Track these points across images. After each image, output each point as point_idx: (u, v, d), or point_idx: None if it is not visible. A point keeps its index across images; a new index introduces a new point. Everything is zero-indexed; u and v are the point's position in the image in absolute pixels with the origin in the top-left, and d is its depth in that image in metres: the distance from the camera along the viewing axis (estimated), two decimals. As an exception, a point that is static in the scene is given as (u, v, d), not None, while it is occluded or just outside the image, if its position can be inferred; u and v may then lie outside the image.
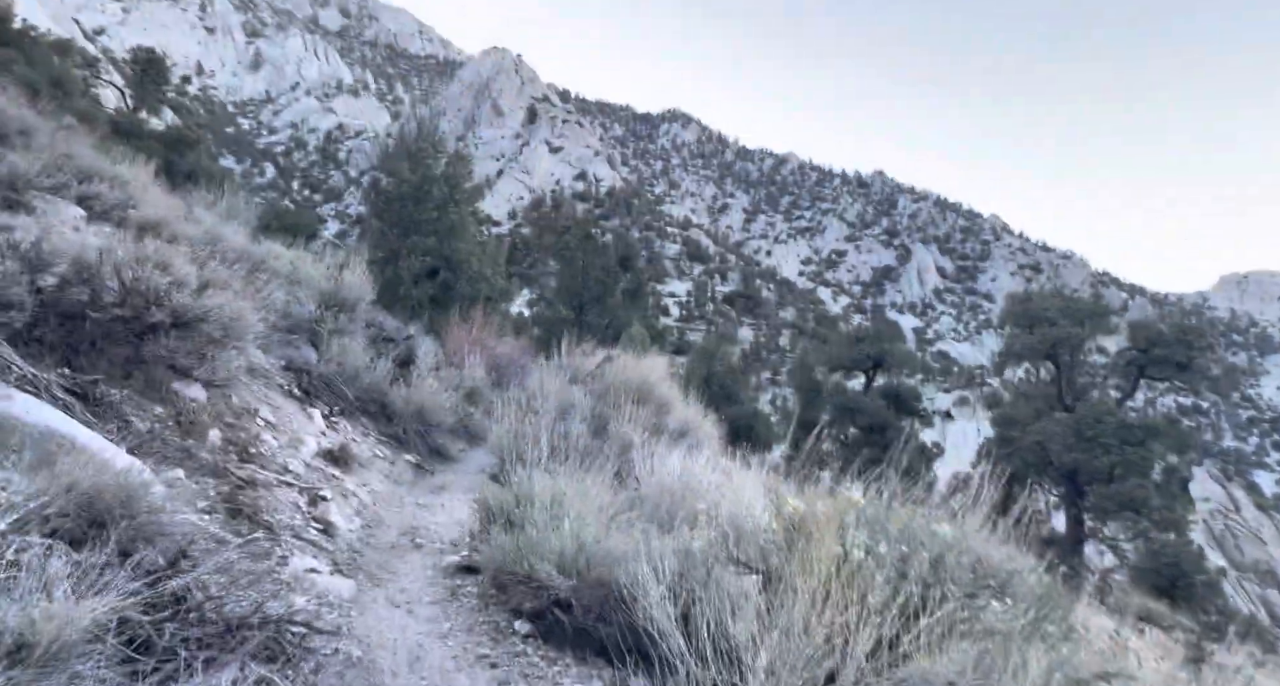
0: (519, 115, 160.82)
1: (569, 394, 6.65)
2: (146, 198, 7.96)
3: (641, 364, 7.28)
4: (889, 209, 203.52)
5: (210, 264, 5.10)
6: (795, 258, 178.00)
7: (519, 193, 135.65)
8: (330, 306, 6.91)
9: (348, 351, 6.65)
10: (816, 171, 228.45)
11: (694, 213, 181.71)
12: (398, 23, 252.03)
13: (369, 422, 6.65)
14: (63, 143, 9.01)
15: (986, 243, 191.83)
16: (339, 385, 6.47)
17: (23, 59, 9.61)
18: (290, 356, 6.37)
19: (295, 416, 5.70)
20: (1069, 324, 18.15)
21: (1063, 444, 17.26)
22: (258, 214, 10.80)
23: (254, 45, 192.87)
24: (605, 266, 18.86)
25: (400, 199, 13.54)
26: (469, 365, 8.92)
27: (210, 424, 4.61)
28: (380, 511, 5.09)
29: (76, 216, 7.09)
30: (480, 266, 13.83)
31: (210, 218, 9.20)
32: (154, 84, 19.53)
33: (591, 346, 9.58)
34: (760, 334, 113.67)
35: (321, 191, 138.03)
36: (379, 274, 12.99)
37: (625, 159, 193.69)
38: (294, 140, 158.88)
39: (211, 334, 4.84)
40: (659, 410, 6.77)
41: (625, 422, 6.16)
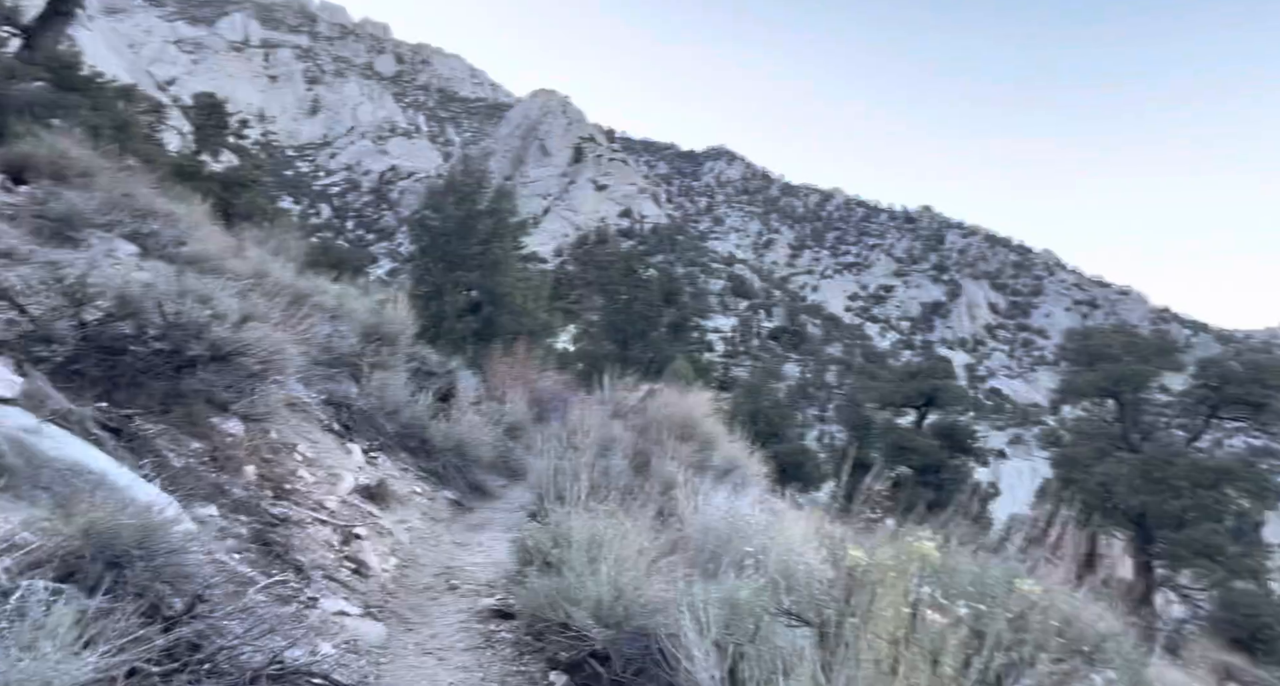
0: (566, 154, 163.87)
1: (610, 429, 6.46)
2: (198, 235, 8.11)
3: (685, 399, 7.07)
4: (937, 244, 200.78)
5: (251, 297, 5.08)
6: (841, 293, 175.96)
7: (565, 230, 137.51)
8: (372, 340, 6.89)
9: (388, 385, 6.59)
10: (863, 207, 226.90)
11: (739, 248, 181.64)
12: (450, 68, 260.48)
13: (408, 458, 6.55)
14: (122, 183, 9.27)
15: (1039, 278, 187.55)
16: (379, 419, 6.39)
17: (89, 104, 10.03)
18: (331, 390, 6.33)
19: (333, 452, 5.61)
20: (1133, 360, 17.34)
21: (1129, 486, 16.34)
22: (305, 250, 10.98)
23: (313, 91, 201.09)
24: (649, 301, 18.76)
25: (445, 234, 13.71)
26: (510, 400, 8.82)
27: (246, 459, 4.54)
28: (416, 550, 4.94)
29: (130, 253, 7.23)
30: (524, 301, 13.86)
31: (259, 254, 9.35)
32: (215, 128, 20.31)
33: (635, 381, 9.41)
34: (806, 370, 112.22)
35: (374, 231, 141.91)
36: (423, 309, 13.10)
37: (670, 196, 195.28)
38: (349, 181, 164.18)
39: (250, 367, 4.81)
40: (703, 446, 6.54)
41: (668, 459, 5.94)
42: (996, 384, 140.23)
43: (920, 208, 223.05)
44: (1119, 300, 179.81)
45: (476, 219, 13.80)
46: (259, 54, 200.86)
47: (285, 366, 5.40)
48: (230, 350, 4.67)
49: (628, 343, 19.27)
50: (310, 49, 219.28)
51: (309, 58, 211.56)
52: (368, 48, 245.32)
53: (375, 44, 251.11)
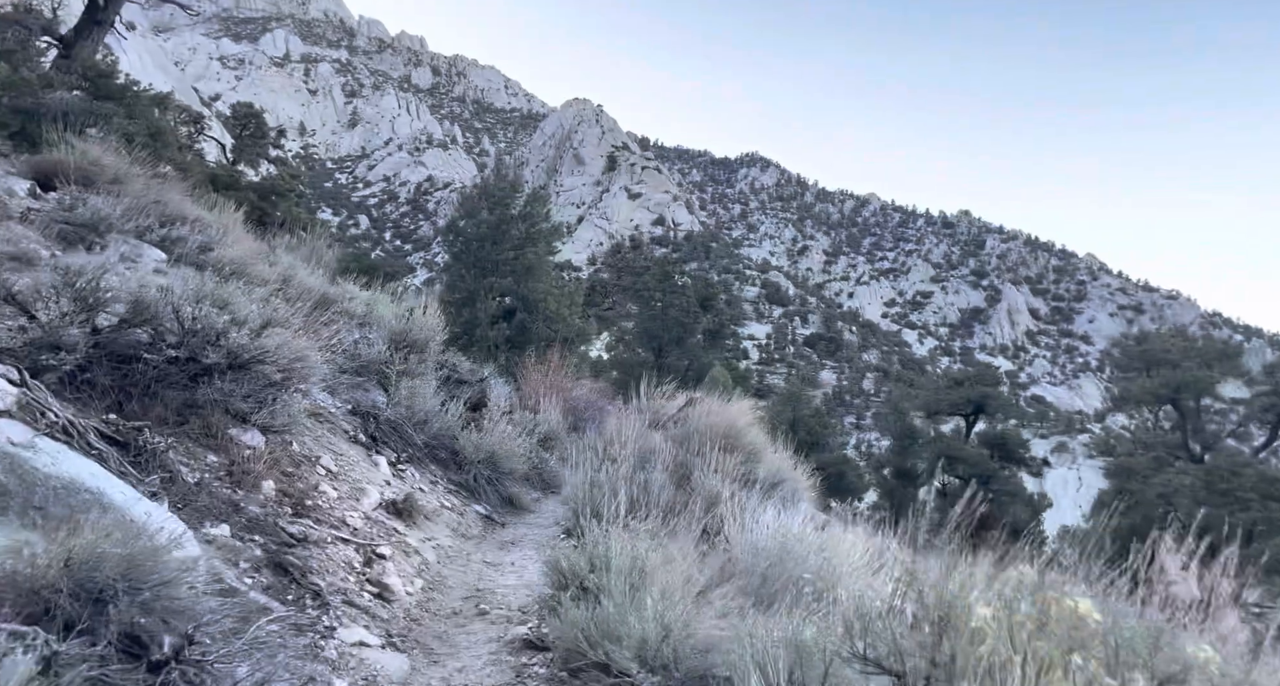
0: (599, 163, 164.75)
1: (649, 440, 6.11)
2: (227, 241, 7.95)
3: (727, 408, 6.69)
4: (976, 249, 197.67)
5: (272, 302, 4.83)
6: (878, 299, 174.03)
7: (599, 238, 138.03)
8: (401, 347, 6.62)
9: (417, 394, 6.31)
10: (899, 212, 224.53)
11: (773, 255, 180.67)
12: (485, 79, 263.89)
13: (438, 470, 6.26)
14: (153, 190, 9.17)
15: (1083, 283, 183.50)
16: (407, 430, 6.11)
17: (123, 112, 10.03)
18: (358, 399, 6.07)
19: (359, 464, 5.34)
20: (1194, 366, 16.45)
21: (1192, 498, 15.46)
22: (338, 257, 10.84)
23: (352, 104, 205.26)
24: (685, 307, 18.32)
25: (478, 239, 13.49)
26: (544, 409, 8.51)
27: (265, 473, 4.27)
28: (444, 570, 4.63)
29: (157, 259, 7.08)
30: (558, 307, 13.56)
31: (289, 260, 9.19)
32: (253, 138, 20.46)
33: (672, 389, 9.04)
34: (843, 377, 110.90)
35: (411, 241, 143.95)
36: (455, 315, 12.90)
37: (703, 203, 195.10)
38: (386, 193, 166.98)
39: (270, 376, 4.55)
40: (748, 458, 6.14)
41: (710, 472, 5.56)
42: (1039, 391, 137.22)
43: (959, 212, 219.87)
44: (1167, 304, 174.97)
45: (510, 224, 13.55)
46: (300, 69, 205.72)
47: (309, 375, 5.15)
48: (249, 358, 4.41)
49: (663, 350, 18.87)
50: (349, 63, 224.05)
51: (348, 71, 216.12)
52: (405, 61, 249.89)
53: (412, 57, 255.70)
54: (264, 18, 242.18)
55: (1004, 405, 19.74)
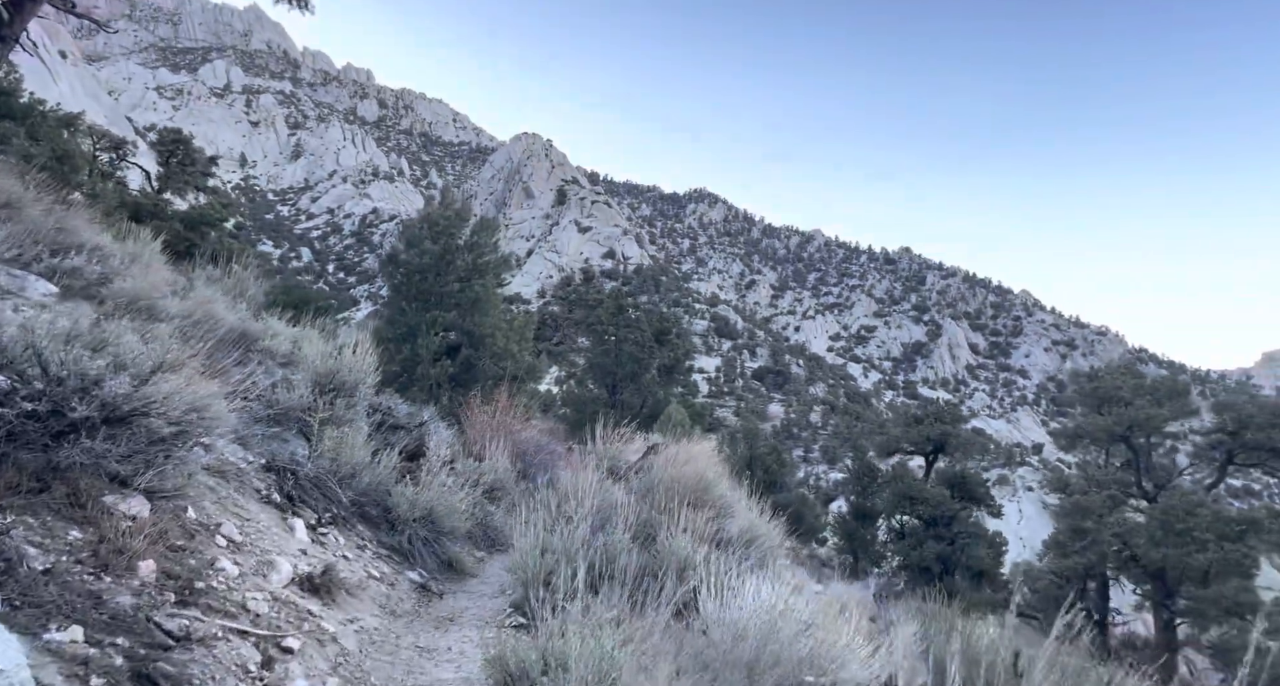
0: (549, 197, 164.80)
1: (608, 494, 5.46)
2: (133, 272, 7.11)
3: (693, 456, 6.10)
4: (917, 285, 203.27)
5: (165, 342, 4.08)
6: (824, 333, 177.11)
7: (549, 271, 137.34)
8: (327, 390, 5.87)
9: (344, 444, 5.57)
10: (843, 248, 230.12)
11: (721, 289, 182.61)
12: (433, 112, 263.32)
13: (367, 531, 5.50)
14: (53, 217, 8.27)
15: (1018, 319, 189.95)
16: (331, 486, 5.36)
17: (23, 133, 9.10)
18: (274, 452, 5.29)
19: (270, 530, 4.56)
20: (1146, 404, 16.49)
21: (1149, 538, 15.31)
22: (266, 289, 10.00)
23: (295, 136, 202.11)
24: (639, 342, 17.69)
25: (420, 271, 12.67)
26: (491, 454, 7.79)
27: (144, 551, 3.50)
28: (366, 662, 3.88)
29: (44, 292, 6.23)
30: (506, 342, 12.78)
31: (208, 293, 8.35)
32: (181, 166, 19.39)
33: (631, 430, 8.42)
34: (790, 409, 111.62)
35: (355, 274, 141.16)
36: (394, 352, 12.07)
37: (653, 238, 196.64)
38: (330, 225, 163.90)
39: (158, 431, 3.79)
40: (719, 513, 5.55)
41: (679, 532, 4.93)
42: (979, 424, 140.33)
43: (900, 249, 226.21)
44: (1096, 340, 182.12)
45: (455, 254, 12.76)
46: (241, 99, 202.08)
47: (212, 426, 4.39)
48: (130, 410, 3.66)
49: (617, 386, 18.18)
50: (293, 94, 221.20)
51: (291, 103, 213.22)
52: (351, 93, 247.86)
53: (358, 89, 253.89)
54: (204, 48, 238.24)
55: (964, 443, 19.53)
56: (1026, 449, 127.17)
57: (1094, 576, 17.33)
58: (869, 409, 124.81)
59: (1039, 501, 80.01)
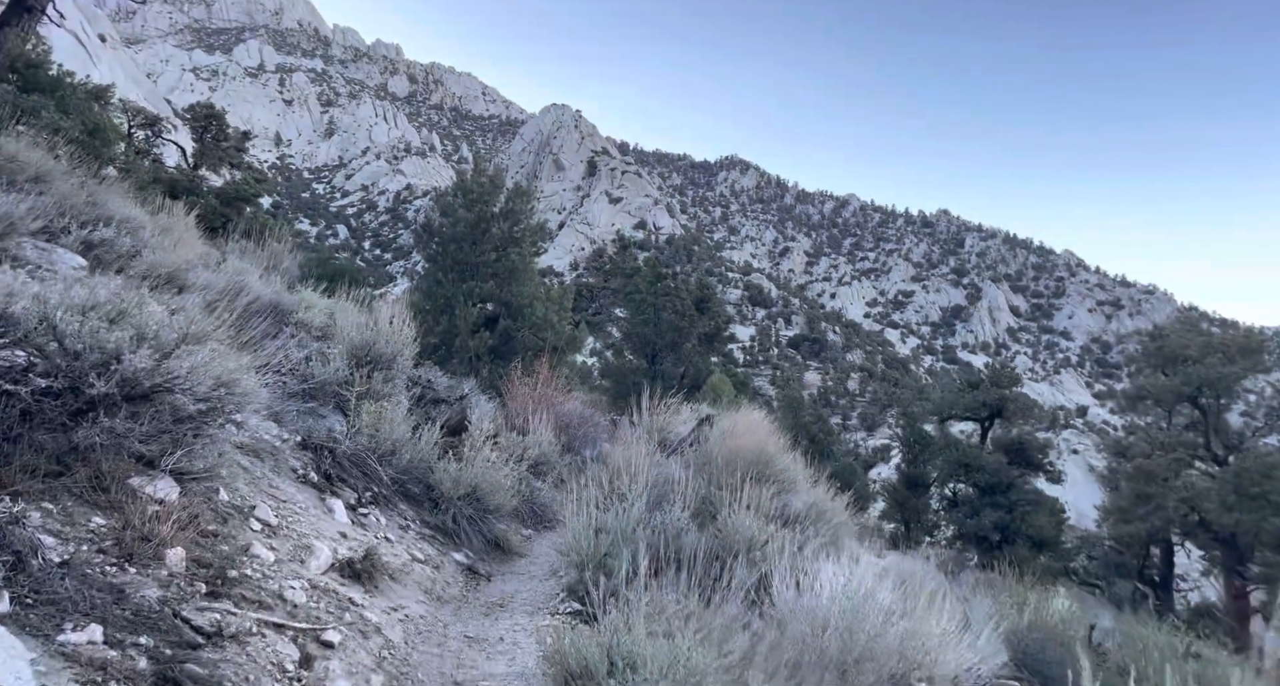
0: (579, 168, 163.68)
1: (663, 468, 5.11)
2: (164, 245, 6.87)
3: (751, 426, 5.71)
4: (956, 248, 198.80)
5: (190, 313, 3.79)
6: (860, 300, 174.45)
7: (580, 244, 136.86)
8: (364, 364, 5.58)
9: (384, 420, 5.28)
10: (879, 212, 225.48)
11: (755, 257, 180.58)
12: (462, 86, 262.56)
13: (410, 511, 5.22)
14: (84, 191, 8.06)
15: (1061, 279, 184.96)
16: (371, 464, 5.08)
17: (53, 106, 8.91)
18: (310, 429, 5.02)
19: (308, 512, 4.30)
20: (1217, 362, 15.58)
21: (1220, 502, 14.58)
22: (301, 262, 9.77)
23: (328, 114, 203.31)
24: (679, 309, 17.18)
25: (455, 240, 12.29)
26: (534, 428, 7.48)
27: (173, 538, 3.23)
28: (413, 655, 3.60)
29: (74, 265, 6.01)
30: (545, 312, 12.41)
31: (241, 265, 8.11)
32: (215, 142, 19.29)
33: (677, 401, 8.06)
34: (827, 377, 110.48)
35: (391, 250, 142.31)
36: (432, 324, 11.80)
37: (684, 207, 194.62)
38: (365, 202, 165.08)
39: (184, 408, 3.51)
40: (781, 489, 5.16)
41: (741, 509, 4.56)
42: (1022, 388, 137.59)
43: (937, 211, 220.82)
44: (1144, 299, 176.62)
45: (490, 222, 12.34)
46: (274, 79, 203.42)
47: (244, 401, 4.11)
48: (152, 386, 3.37)
49: (657, 356, 17.76)
50: (325, 72, 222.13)
51: (323, 81, 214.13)
52: (381, 69, 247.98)
53: (388, 65, 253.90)
54: (237, 28, 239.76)
55: (1023, 408, 18.73)
56: (1070, 411, 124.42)
57: (1158, 542, 16.66)
58: (907, 375, 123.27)
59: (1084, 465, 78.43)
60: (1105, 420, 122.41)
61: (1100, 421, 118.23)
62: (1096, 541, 18.18)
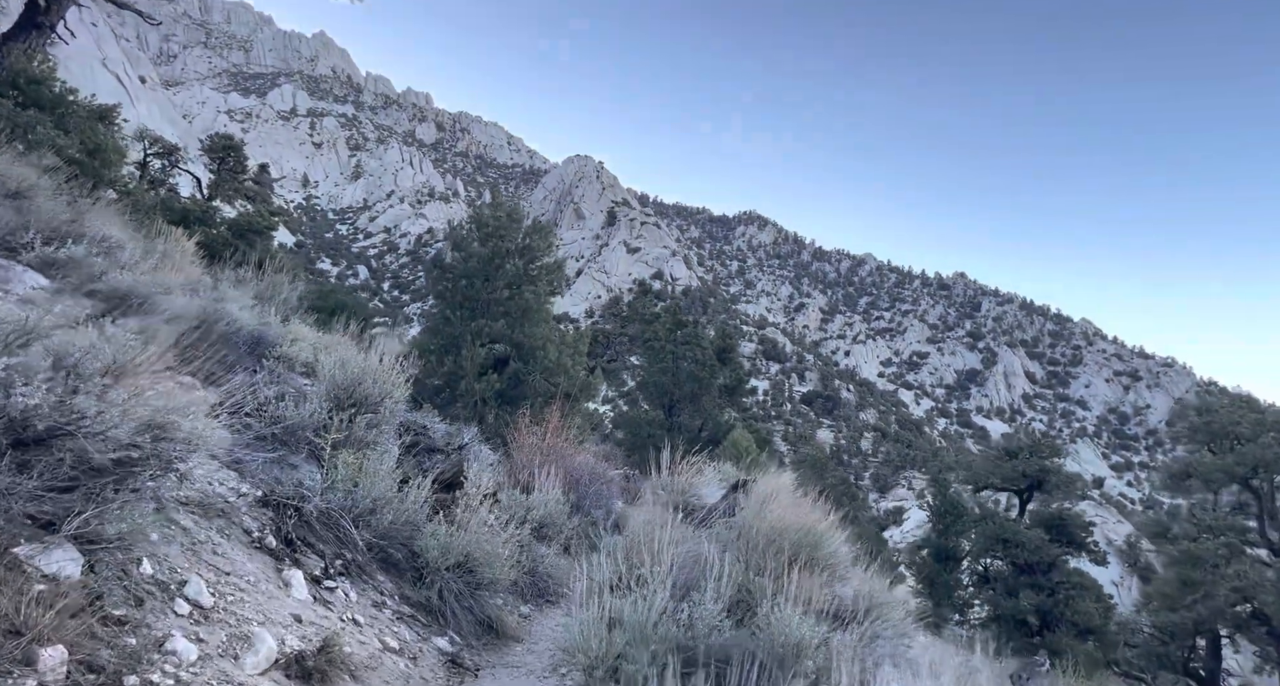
0: (599, 218, 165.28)
1: (692, 546, 4.28)
2: (145, 267, 6.23)
3: (795, 499, 4.88)
4: (972, 311, 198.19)
5: (119, 338, 3.07)
6: (875, 359, 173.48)
7: (597, 291, 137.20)
8: (347, 405, 4.83)
9: (365, 472, 4.50)
10: (895, 272, 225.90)
11: (770, 312, 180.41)
12: (488, 135, 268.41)
13: (389, 582, 4.41)
14: (69, 209, 7.49)
15: (1078, 348, 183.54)
16: (345, 525, 4.29)
17: (50, 123, 8.45)
18: (276, 481, 4.25)
19: (258, 587, 3.50)
20: (1273, 441, 14.46)
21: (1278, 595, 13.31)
22: (302, 294, 9.13)
23: (356, 157, 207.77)
24: (700, 359, 16.38)
25: (467, 276, 11.59)
26: (540, 485, 6.67)
27: (54, 630, 2.45)
28: (366, 792, 2.76)
29: (34, 285, 5.35)
30: (559, 356, 11.60)
31: (233, 294, 7.46)
32: (231, 173, 19.02)
33: (701, 459, 7.24)
34: (840, 435, 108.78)
35: (409, 292, 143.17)
36: (436, 365, 11.07)
37: (701, 259, 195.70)
38: (387, 244, 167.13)
39: (94, 457, 2.76)
40: (832, 575, 4.31)
41: (785, 602, 3.71)
42: (1062, 461, 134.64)
43: (954, 274, 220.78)
44: (1162, 371, 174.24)
45: (505, 258, 11.67)
46: (305, 122, 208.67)
47: (189, 448, 3.36)
48: (49, 428, 2.64)
49: (674, 407, 16.88)
50: (355, 117, 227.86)
51: (353, 126, 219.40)
52: (410, 116, 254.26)
53: (417, 113, 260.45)
54: (273, 73, 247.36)
55: (1065, 481, 17.47)
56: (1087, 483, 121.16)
57: (1204, 633, 15.38)
58: (921, 437, 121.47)
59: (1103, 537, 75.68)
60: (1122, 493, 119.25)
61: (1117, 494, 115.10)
62: (1135, 628, 16.82)
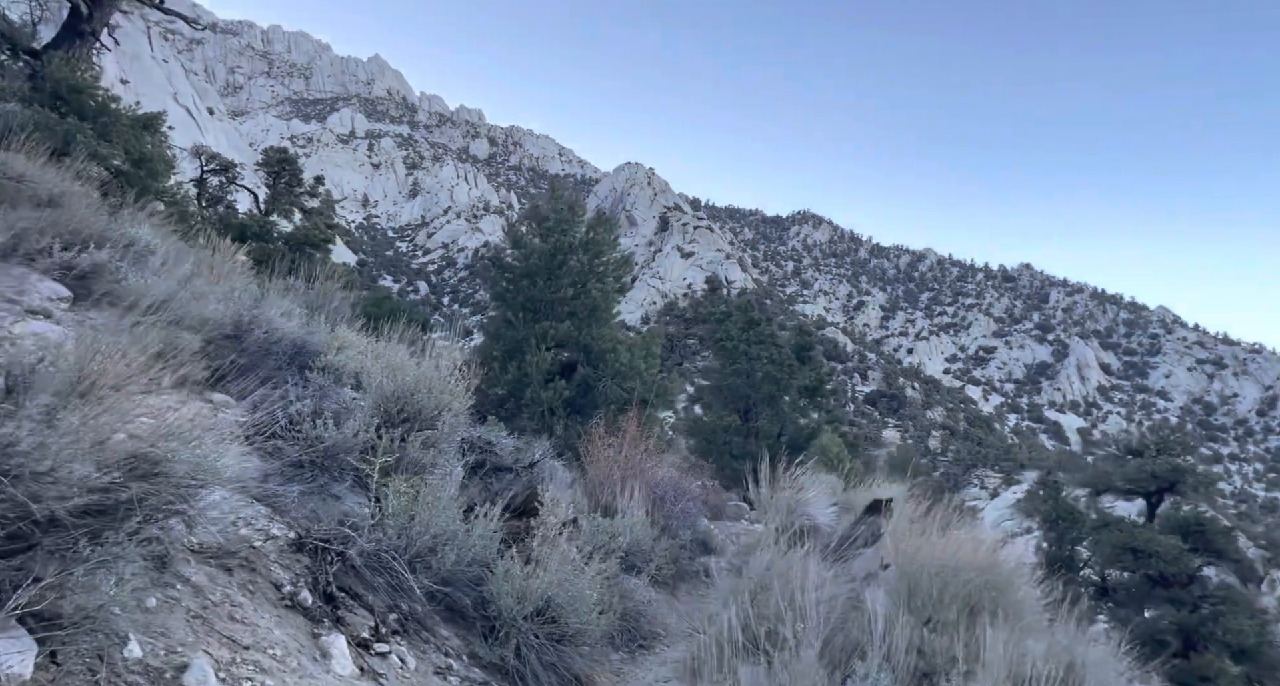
0: (652, 224, 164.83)
1: (834, 587, 3.31)
2: (174, 273, 5.59)
3: (969, 530, 3.88)
4: (1040, 303, 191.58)
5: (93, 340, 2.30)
6: (939, 355, 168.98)
7: (652, 298, 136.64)
8: (399, 421, 4.03)
9: (422, 502, 3.67)
10: (957, 266, 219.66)
11: (828, 311, 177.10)
12: (540, 147, 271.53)
13: (454, 638, 3.57)
14: (104, 218, 6.94)
15: (1156, 336, 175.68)
16: (400, 568, 3.46)
17: (91, 131, 8.06)
18: (314, 516, 3.45)
19: (287, 662, 2.69)
20: None
21: None
22: (354, 301, 8.50)
23: (413, 176, 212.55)
24: (778, 360, 15.24)
25: (528, 275, 10.77)
26: (623, 506, 5.79)
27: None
28: None
29: (51, 296, 4.71)
30: (631, 358, 10.63)
31: (278, 301, 6.81)
32: (287, 187, 18.81)
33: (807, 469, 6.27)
34: (907, 435, 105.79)
35: (469, 305, 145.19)
36: (499, 373, 10.29)
37: (756, 261, 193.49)
38: (445, 259, 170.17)
39: (36, 506, 1.98)
40: (1017, 626, 3.28)
41: (981, 669, 2.73)
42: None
43: (1019, 266, 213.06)
44: (1250, 358, 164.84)
45: (568, 254, 10.82)
46: (364, 144, 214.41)
47: (200, 482, 2.58)
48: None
49: (750, 411, 15.77)
50: (410, 137, 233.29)
51: (409, 145, 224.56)
52: (463, 133, 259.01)
53: (470, 129, 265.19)
54: (332, 98, 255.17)
55: (1203, 481, 15.53)
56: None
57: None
58: (991, 433, 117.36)
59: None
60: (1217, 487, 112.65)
61: None
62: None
